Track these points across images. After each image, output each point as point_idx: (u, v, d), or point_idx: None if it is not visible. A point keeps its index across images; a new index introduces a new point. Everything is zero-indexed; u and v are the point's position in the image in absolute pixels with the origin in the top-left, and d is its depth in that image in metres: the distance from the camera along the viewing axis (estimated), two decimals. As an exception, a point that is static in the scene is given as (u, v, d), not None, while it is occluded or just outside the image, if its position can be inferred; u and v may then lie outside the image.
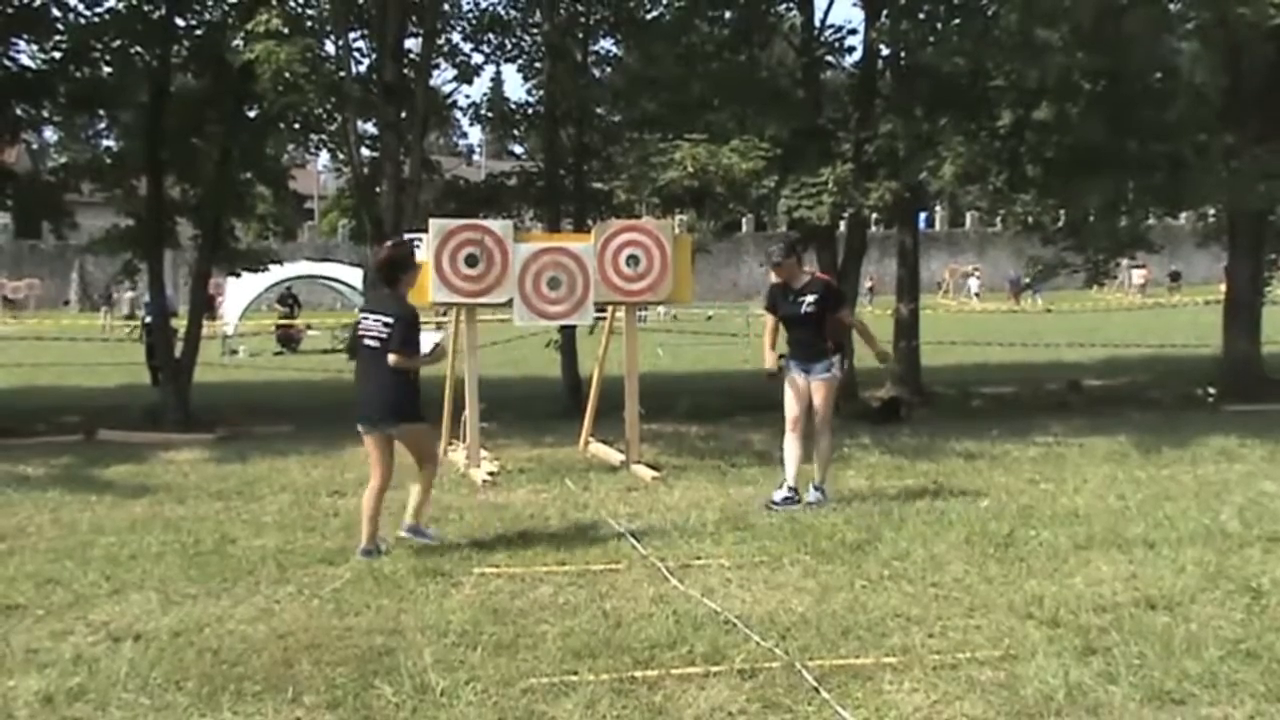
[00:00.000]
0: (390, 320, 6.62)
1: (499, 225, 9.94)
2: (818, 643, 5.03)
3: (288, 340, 28.47)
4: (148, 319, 17.21)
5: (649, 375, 14.02)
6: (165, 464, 10.14)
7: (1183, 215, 29.63)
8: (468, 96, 72.13)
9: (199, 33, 13.69)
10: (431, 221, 9.82)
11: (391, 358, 6.57)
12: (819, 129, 13.05)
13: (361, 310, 7.12)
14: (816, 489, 8.13)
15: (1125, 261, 22.84)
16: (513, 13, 15.02)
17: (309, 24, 11.65)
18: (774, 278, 8.42)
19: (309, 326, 30.88)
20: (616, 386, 10.56)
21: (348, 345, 7.18)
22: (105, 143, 17.47)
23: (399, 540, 6.85)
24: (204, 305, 15.32)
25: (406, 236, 9.92)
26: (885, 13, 13.03)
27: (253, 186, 15.44)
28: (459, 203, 14.37)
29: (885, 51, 13.52)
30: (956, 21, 12.88)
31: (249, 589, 5.85)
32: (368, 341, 6.70)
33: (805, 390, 8.20)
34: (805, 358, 8.20)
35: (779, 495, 8.10)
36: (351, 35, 13.31)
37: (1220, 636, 5.02)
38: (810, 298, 8.14)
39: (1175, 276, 49.98)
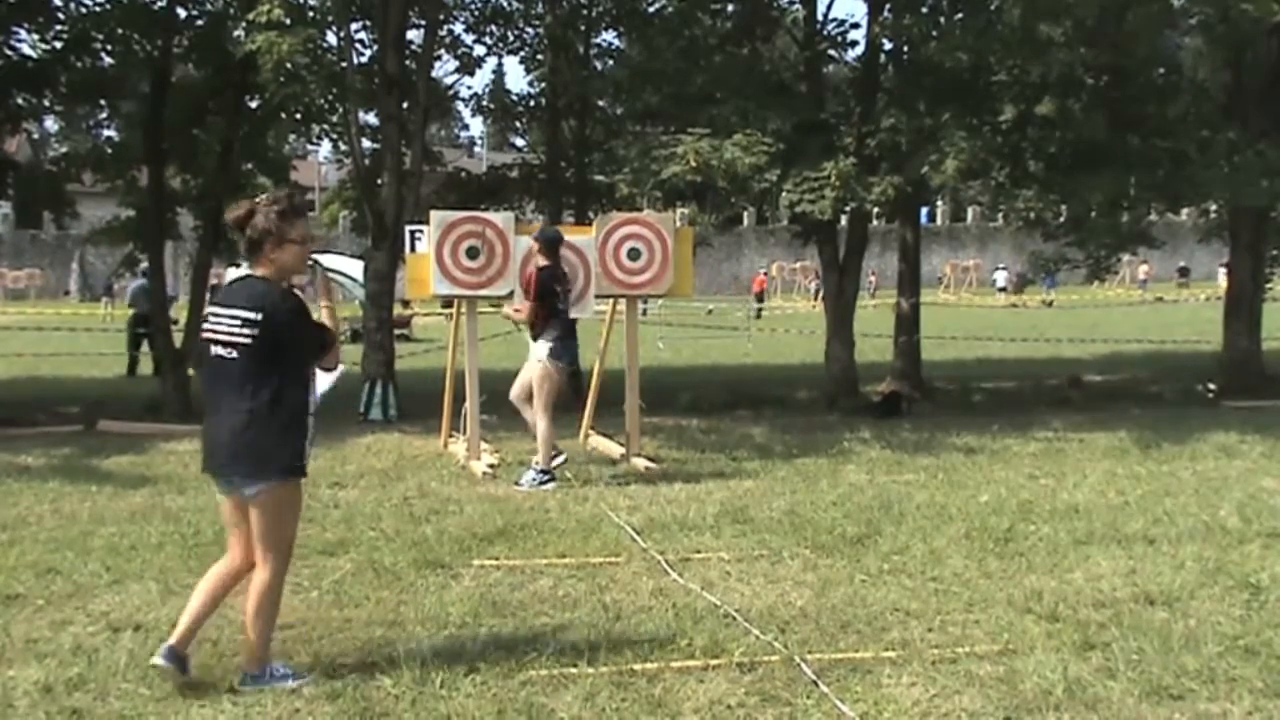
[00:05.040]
0: (253, 316, 4.40)
1: (500, 217, 9.94)
2: (817, 637, 5.03)
3: None
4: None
5: (649, 369, 14.03)
6: (165, 455, 10.14)
7: (1184, 211, 29.59)
8: (469, 88, 71.94)
9: (200, 23, 13.68)
10: (433, 213, 9.81)
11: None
12: (821, 123, 13.03)
13: (213, 304, 4.68)
14: (537, 471, 8.63)
15: (1126, 257, 22.83)
16: (515, 4, 15.03)
17: (311, 14, 11.63)
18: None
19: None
20: (617, 379, 10.56)
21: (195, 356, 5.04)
22: (106, 133, 17.50)
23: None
24: (205, 296, 15.33)
25: (409, 229, 9.93)
26: (888, 7, 13.00)
27: (254, 177, 15.45)
28: (460, 195, 14.38)
29: (888, 46, 13.50)
30: (959, 16, 12.86)
31: (248, 581, 5.83)
32: (217, 350, 4.47)
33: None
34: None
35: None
36: (353, 26, 13.29)
37: (1219, 632, 5.02)
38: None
39: (1184, 272, 50.05)
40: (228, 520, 4.64)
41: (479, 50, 15.03)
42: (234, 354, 4.40)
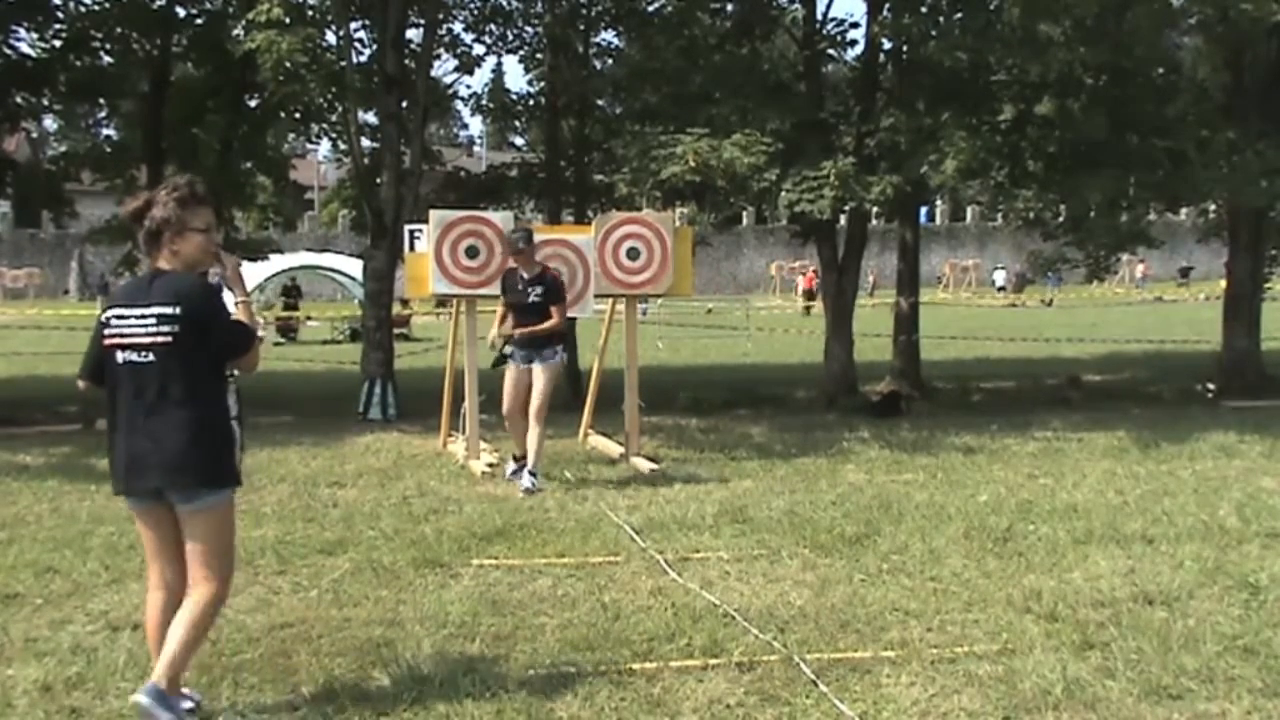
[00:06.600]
0: (171, 311, 3.95)
1: (499, 217, 9.94)
2: (816, 636, 5.03)
3: (286, 330, 28.58)
4: None
5: (649, 368, 14.03)
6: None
7: (1183, 211, 29.63)
8: (469, 87, 71.82)
9: (200, 22, 13.71)
10: (432, 213, 9.82)
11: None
12: (820, 122, 13.03)
13: (113, 306, 4.12)
14: (530, 474, 8.42)
15: (1125, 256, 22.85)
16: (514, 3, 15.01)
17: (310, 13, 11.64)
18: (510, 263, 8.94)
19: (309, 317, 30.93)
20: (616, 379, 10.56)
21: (83, 369, 4.19)
22: (106, 132, 17.52)
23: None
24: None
25: (408, 228, 9.93)
26: (887, 6, 13.00)
27: (253, 176, 15.48)
28: (459, 194, 14.37)
29: (887, 45, 13.49)
30: (959, 15, 12.85)
31: (247, 579, 5.84)
32: (127, 356, 3.98)
33: (525, 378, 8.65)
34: (532, 345, 8.65)
35: (526, 478, 8.40)
36: (353, 25, 13.29)
37: (1218, 632, 5.02)
38: (538, 289, 8.62)
39: (1185, 272, 50.02)
40: (156, 542, 4.10)
41: (478, 49, 15.03)
42: (150, 357, 3.91)
